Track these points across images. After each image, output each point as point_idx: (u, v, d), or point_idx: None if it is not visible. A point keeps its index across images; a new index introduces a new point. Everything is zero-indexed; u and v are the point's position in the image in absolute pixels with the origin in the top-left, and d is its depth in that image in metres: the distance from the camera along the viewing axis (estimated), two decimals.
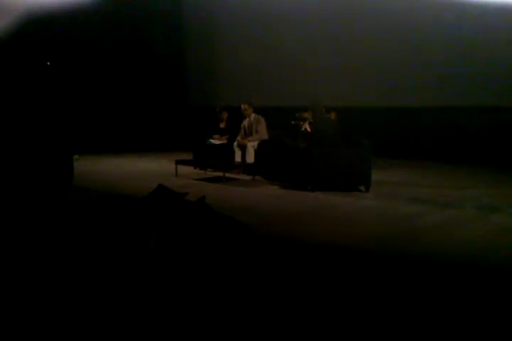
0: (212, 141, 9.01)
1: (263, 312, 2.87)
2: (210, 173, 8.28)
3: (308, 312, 2.86)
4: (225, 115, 9.21)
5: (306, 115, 8.03)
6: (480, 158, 9.08)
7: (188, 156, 9.10)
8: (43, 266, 3.64)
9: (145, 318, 2.77)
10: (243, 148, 8.39)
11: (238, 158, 8.44)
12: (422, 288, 3.24)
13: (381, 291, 3.20)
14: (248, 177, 7.82)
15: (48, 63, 11.54)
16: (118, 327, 2.69)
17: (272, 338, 2.59)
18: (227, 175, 7.69)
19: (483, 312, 2.88)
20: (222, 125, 9.22)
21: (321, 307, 2.94)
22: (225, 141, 8.88)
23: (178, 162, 8.11)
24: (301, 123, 8.17)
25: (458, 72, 9.49)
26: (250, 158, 8.19)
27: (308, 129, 7.56)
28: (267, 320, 2.77)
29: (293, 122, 8.55)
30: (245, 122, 8.64)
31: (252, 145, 8.23)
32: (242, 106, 8.59)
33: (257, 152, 8.10)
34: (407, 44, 10.04)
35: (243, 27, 12.36)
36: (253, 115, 8.56)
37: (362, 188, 6.69)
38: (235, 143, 8.55)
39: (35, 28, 10.32)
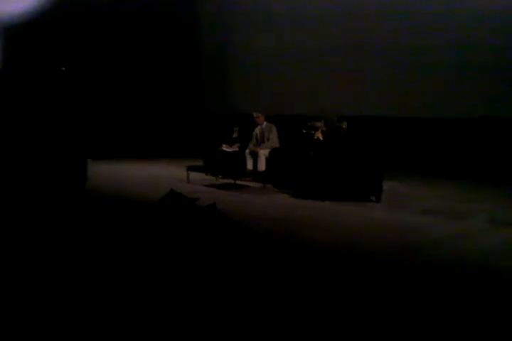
0: (224, 148, 9.04)
1: (270, 315, 2.87)
2: (221, 180, 8.31)
3: (312, 315, 2.86)
4: (236, 129, 9.22)
5: (318, 124, 8.03)
6: (487, 173, 9.00)
7: (200, 163, 9.14)
8: (52, 266, 3.68)
9: (149, 319, 2.79)
10: (255, 156, 8.41)
11: (249, 166, 8.46)
12: (431, 298, 3.23)
13: (388, 300, 3.20)
14: (259, 185, 7.83)
15: (63, 68, 11.69)
16: (122, 323, 2.72)
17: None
18: (238, 182, 7.72)
19: (490, 321, 2.87)
20: (235, 134, 9.23)
21: (326, 312, 2.94)
22: (236, 149, 8.91)
23: (189, 168, 8.17)
24: (313, 132, 8.17)
25: (467, 83, 9.46)
26: (261, 166, 8.20)
27: (321, 138, 7.58)
28: (272, 322, 2.78)
29: (305, 131, 8.56)
30: (257, 130, 8.67)
31: (263, 153, 8.25)
32: (255, 113, 8.63)
33: (268, 160, 8.11)
34: (418, 53, 10.04)
35: (258, 35, 12.43)
36: (265, 123, 8.59)
37: (372, 198, 6.68)
38: (247, 151, 8.58)
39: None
